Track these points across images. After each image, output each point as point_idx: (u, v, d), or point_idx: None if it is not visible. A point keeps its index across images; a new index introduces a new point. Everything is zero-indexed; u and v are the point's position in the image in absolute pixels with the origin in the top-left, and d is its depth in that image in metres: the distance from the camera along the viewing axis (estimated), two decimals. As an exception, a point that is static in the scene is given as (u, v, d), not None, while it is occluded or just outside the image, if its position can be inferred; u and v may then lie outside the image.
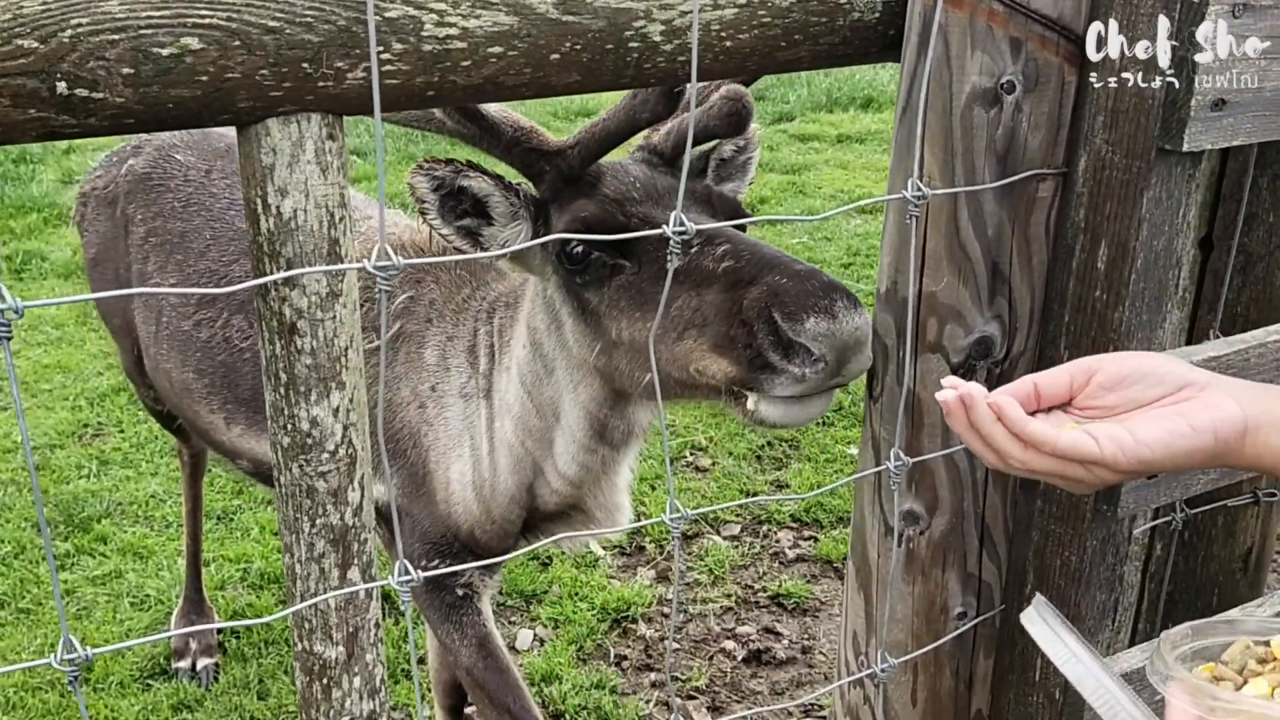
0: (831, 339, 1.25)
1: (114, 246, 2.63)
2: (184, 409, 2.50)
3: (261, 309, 1.15)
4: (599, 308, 1.56)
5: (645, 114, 1.52)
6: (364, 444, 1.24)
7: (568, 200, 1.59)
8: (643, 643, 3.28)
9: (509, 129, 1.57)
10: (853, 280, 5.51)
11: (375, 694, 1.33)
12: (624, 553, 3.66)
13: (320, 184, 1.11)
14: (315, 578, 1.25)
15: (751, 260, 1.37)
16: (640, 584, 3.47)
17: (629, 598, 3.38)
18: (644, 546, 3.67)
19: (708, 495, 3.87)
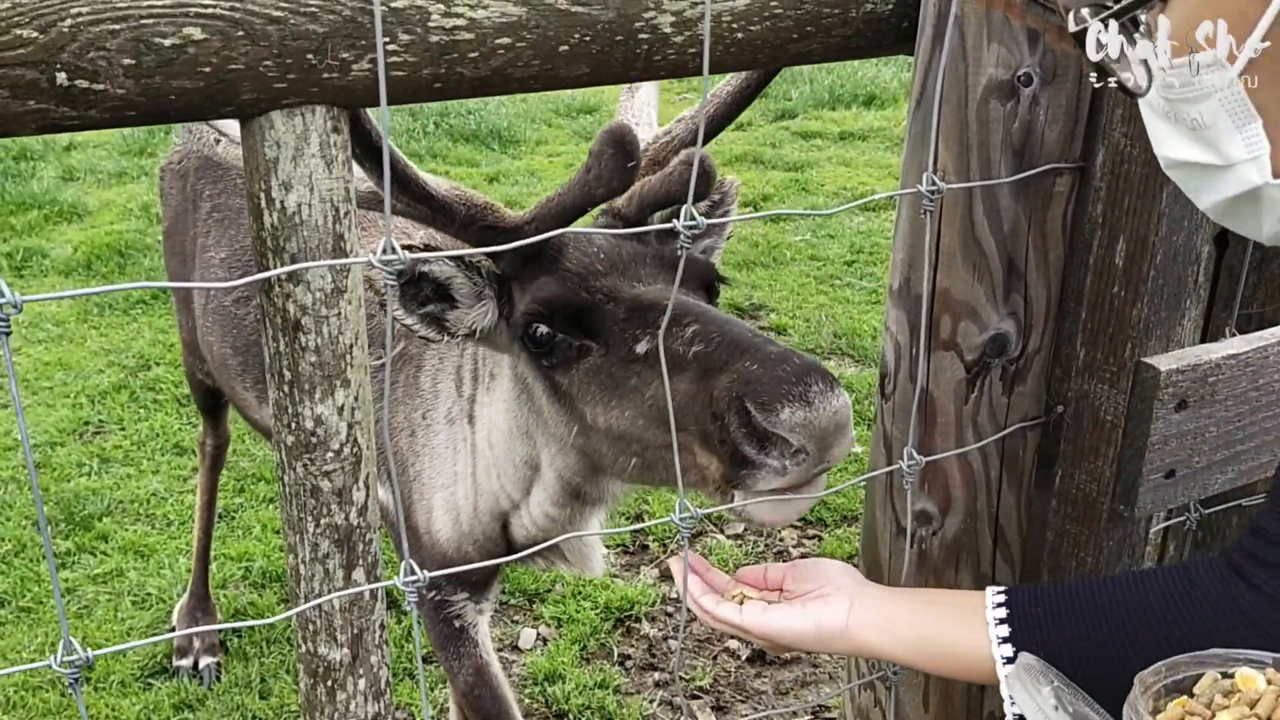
0: (809, 428, 1.17)
1: (183, 219, 2.72)
2: (224, 383, 2.60)
3: (265, 306, 1.13)
4: (570, 390, 1.50)
5: (600, 189, 1.44)
6: (369, 443, 1.22)
7: (529, 277, 1.52)
8: (646, 642, 3.26)
9: (462, 208, 1.47)
10: (855, 277, 5.50)
11: (380, 696, 1.31)
12: (627, 551, 3.64)
13: (325, 178, 1.09)
14: (319, 579, 1.23)
15: (722, 344, 1.28)
16: (644, 583, 3.46)
17: (632, 597, 3.36)
18: (647, 545, 3.65)
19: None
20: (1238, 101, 0.81)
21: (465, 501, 1.95)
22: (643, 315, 1.39)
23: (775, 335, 4.93)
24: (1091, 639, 1.05)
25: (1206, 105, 0.82)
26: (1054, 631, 1.08)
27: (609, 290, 1.45)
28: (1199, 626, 1.01)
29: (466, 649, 2.11)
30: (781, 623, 1.20)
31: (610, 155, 1.40)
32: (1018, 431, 1.30)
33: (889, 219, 6.30)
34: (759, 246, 5.84)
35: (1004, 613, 1.10)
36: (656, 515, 3.70)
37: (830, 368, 4.64)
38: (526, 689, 3.08)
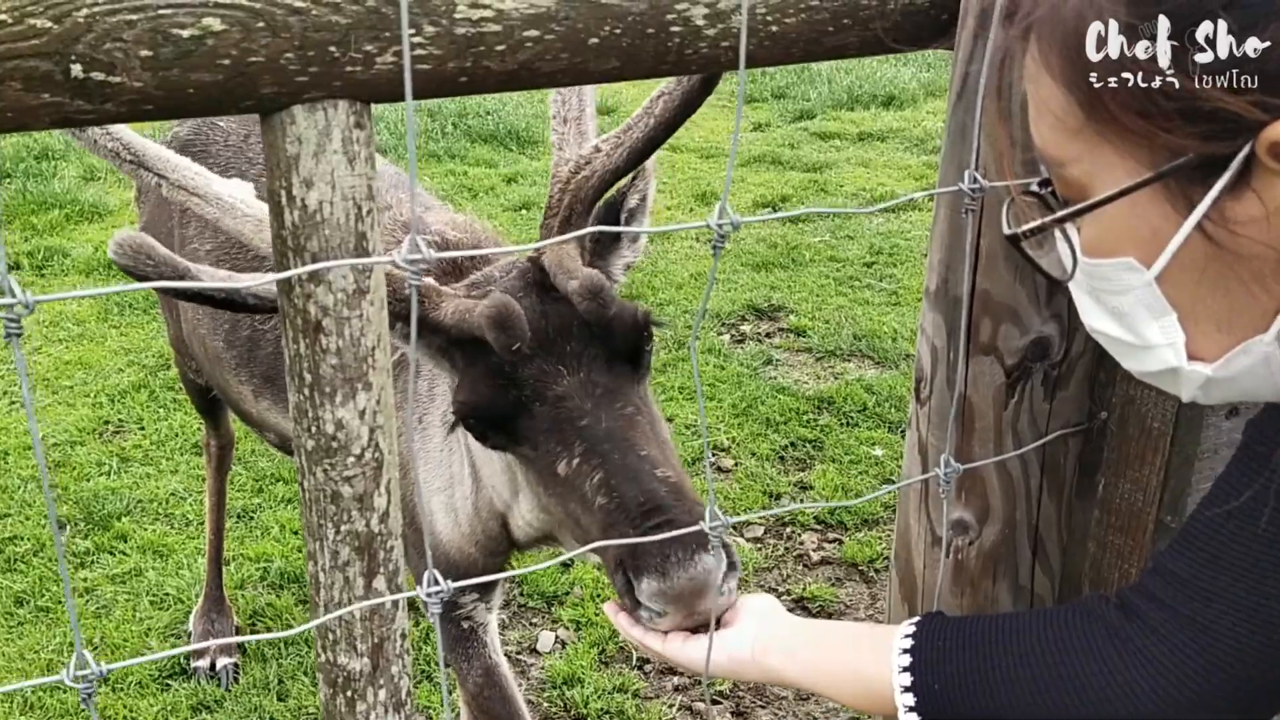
0: (665, 597, 1.27)
1: (160, 213, 2.72)
2: (216, 378, 2.58)
3: (285, 306, 1.10)
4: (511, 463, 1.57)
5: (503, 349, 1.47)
6: (391, 448, 1.18)
7: (464, 357, 1.53)
8: (666, 646, 3.22)
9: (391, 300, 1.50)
10: (875, 279, 5.45)
11: (401, 707, 1.28)
12: (646, 554, 3.60)
13: (347, 175, 1.06)
14: (340, 587, 1.20)
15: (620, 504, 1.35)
16: (663, 586, 3.42)
17: (652, 600, 3.32)
18: (667, 548, 3.61)
19: (730, 496, 3.81)
20: (1153, 297, 0.87)
21: (464, 502, 1.95)
22: (563, 432, 1.42)
23: (794, 337, 4.88)
24: (988, 673, 1.06)
25: (1124, 298, 0.89)
26: (953, 664, 1.09)
27: (535, 384, 1.45)
28: (1093, 666, 1.01)
29: (476, 650, 2.14)
30: (695, 652, 1.26)
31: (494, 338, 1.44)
32: (1059, 438, 1.25)
33: (909, 220, 6.24)
34: (777, 248, 5.80)
35: (909, 643, 1.12)
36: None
37: (850, 370, 4.60)
38: (545, 692, 3.05)
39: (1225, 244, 0.82)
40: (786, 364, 4.69)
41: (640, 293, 5.31)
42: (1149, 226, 0.85)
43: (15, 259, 5.55)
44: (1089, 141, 0.85)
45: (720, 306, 5.11)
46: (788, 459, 4.04)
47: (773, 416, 4.24)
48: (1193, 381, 0.91)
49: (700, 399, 1.28)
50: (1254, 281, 0.84)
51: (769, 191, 6.63)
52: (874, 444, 4.08)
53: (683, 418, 4.26)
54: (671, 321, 5.01)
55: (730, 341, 4.89)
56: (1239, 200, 0.80)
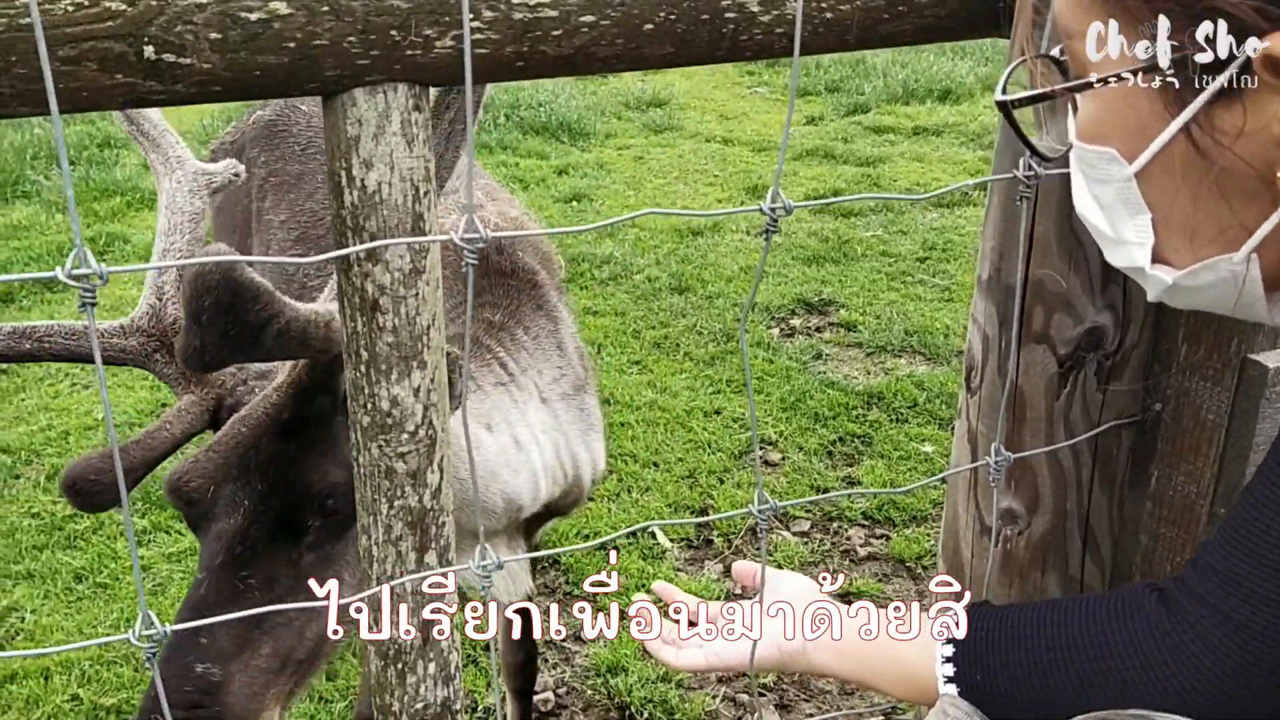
0: None
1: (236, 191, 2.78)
2: None
3: (343, 285, 1.13)
4: None
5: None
6: (444, 425, 1.20)
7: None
8: (710, 637, 3.23)
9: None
10: (928, 274, 5.40)
11: (450, 681, 1.30)
12: (691, 546, 3.61)
13: (406, 157, 1.08)
14: (392, 561, 1.22)
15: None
16: (708, 577, 3.43)
17: (696, 591, 3.33)
18: (712, 540, 3.62)
19: (777, 490, 3.80)
20: (1132, 193, 0.89)
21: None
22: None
23: (845, 331, 4.86)
24: (1030, 665, 1.06)
25: (1106, 189, 0.91)
26: (995, 654, 1.08)
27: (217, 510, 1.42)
28: (1134, 661, 1.00)
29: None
30: (742, 654, 1.24)
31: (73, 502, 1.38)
32: (1112, 429, 1.24)
33: (963, 216, 6.18)
34: (829, 242, 5.77)
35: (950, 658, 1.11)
36: (721, 509, 3.67)
37: (900, 366, 4.57)
38: (589, 680, 3.07)
39: (1209, 153, 0.82)
40: (836, 359, 4.67)
41: (690, 285, 5.31)
42: (1139, 120, 0.86)
43: (80, 245, 5.69)
44: (1098, 17, 0.86)
45: (770, 300, 5.10)
46: (835, 454, 4.02)
47: (821, 411, 4.22)
48: (1157, 285, 0.92)
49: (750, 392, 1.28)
50: (1231, 198, 0.84)
51: (821, 185, 6.60)
52: (924, 440, 4.05)
53: (730, 410, 4.26)
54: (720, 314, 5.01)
55: (779, 335, 4.87)
56: (1229, 110, 0.80)
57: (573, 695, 3.04)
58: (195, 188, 1.60)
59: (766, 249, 1.03)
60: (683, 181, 6.88)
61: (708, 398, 4.36)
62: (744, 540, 3.58)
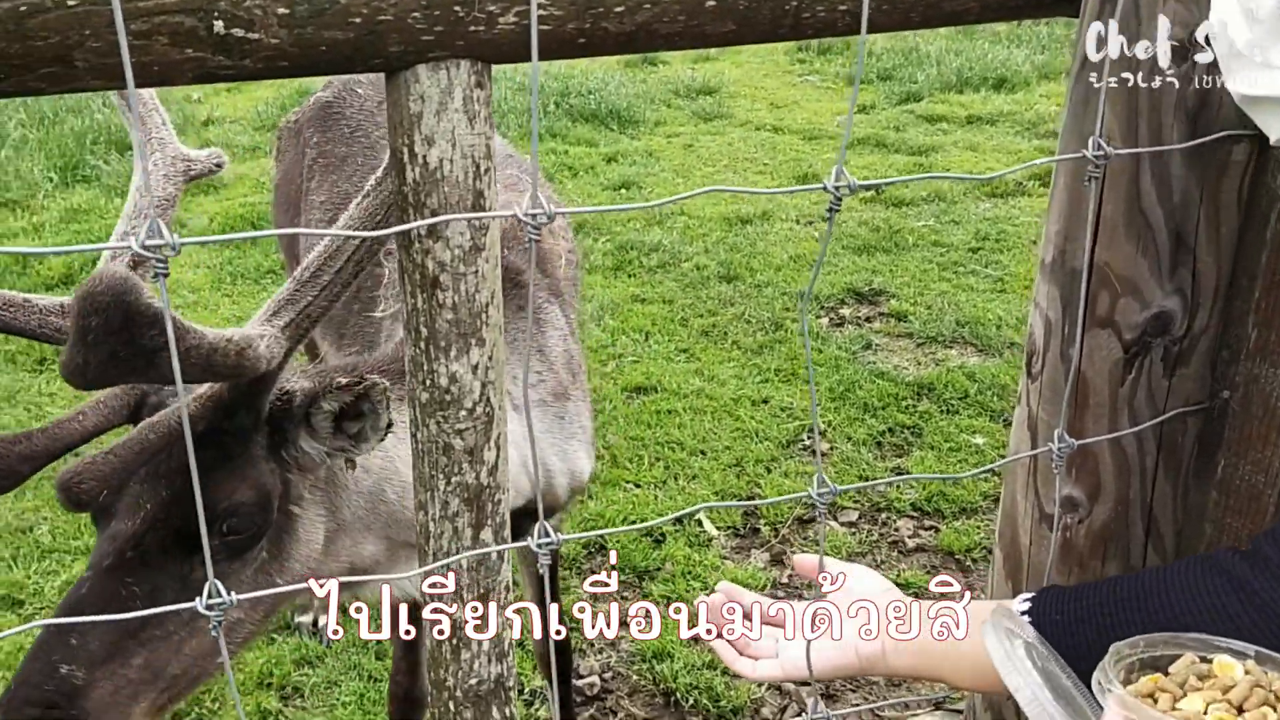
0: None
1: (293, 169, 2.84)
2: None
3: (404, 262, 1.14)
4: None
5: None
6: (501, 403, 1.21)
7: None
8: (756, 625, 3.22)
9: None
10: (980, 265, 5.32)
11: (504, 658, 1.31)
12: (738, 534, 3.60)
13: (467, 133, 1.08)
14: (448, 537, 1.23)
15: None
16: (754, 566, 3.42)
17: (743, 579, 3.32)
18: (759, 529, 3.61)
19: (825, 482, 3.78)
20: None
21: None
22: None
23: (895, 321, 4.81)
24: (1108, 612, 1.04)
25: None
26: (1072, 638, 1.06)
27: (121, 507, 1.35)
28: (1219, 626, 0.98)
29: None
30: (825, 664, 1.22)
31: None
32: (1178, 416, 1.22)
33: (1017, 206, 6.08)
34: (879, 231, 5.71)
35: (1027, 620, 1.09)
36: (768, 497, 3.66)
37: (951, 357, 4.52)
38: (634, 665, 3.08)
39: None
40: (886, 349, 4.63)
41: (738, 273, 5.29)
42: None
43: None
44: None
45: (819, 289, 5.07)
46: (885, 445, 3.99)
47: (870, 401, 4.19)
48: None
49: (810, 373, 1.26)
50: None
51: (872, 174, 6.53)
52: (975, 432, 4.00)
53: (778, 399, 4.24)
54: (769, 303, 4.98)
55: (829, 325, 4.84)
56: None
57: (618, 680, 3.05)
58: (172, 172, 1.57)
59: (830, 228, 1.02)
60: (732, 169, 6.84)
61: (755, 386, 4.34)
62: (791, 530, 3.57)
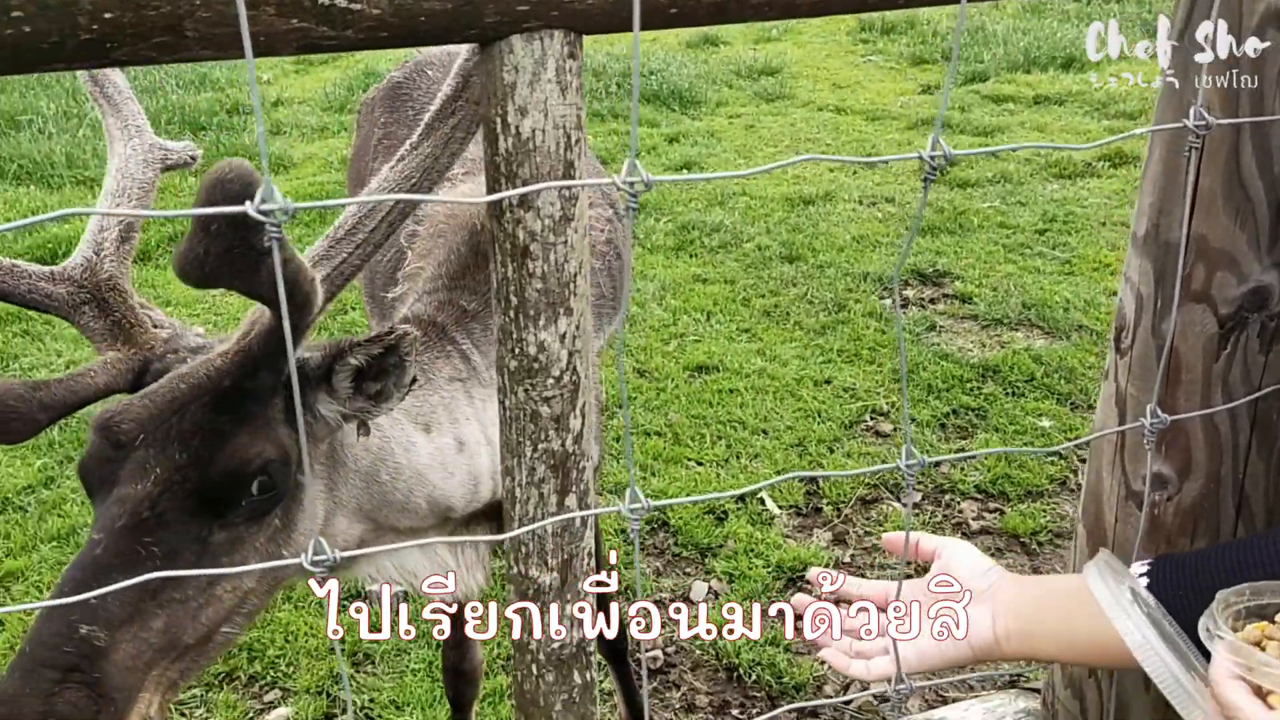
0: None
1: (364, 146, 2.87)
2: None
3: (495, 231, 1.15)
4: None
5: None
6: (587, 372, 1.23)
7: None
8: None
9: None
10: (1047, 247, 5.24)
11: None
12: (800, 513, 3.60)
13: (559, 104, 1.09)
14: (534, 502, 1.25)
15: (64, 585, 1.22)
16: (816, 545, 3.41)
17: (805, 558, 3.32)
18: (820, 508, 3.60)
19: (888, 462, 3.76)
20: None
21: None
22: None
23: (960, 303, 4.76)
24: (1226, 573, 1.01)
25: None
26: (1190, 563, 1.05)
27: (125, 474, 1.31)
28: None
29: None
30: (937, 657, 1.21)
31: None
32: (1274, 393, 1.20)
33: (1085, 187, 5.97)
34: (944, 212, 5.64)
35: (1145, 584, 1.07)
36: (831, 480, 3.65)
37: (1017, 339, 4.46)
38: (696, 640, 3.10)
39: None
40: (950, 330, 4.58)
41: (800, 254, 5.27)
42: None
43: (209, 207, 5.92)
44: None
45: (883, 270, 5.02)
46: (949, 426, 3.95)
47: (934, 383, 4.15)
48: None
49: (900, 340, 1.26)
50: None
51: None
52: (1041, 415, 3.95)
53: (841, 380, 4.22)
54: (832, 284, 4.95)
55: (892, 306, 4.80)
56: None
57: (681, 655, 3.07)
58: (150, 159, 1.57)
59: (925, 195, 1.02)
60: (794, 150, 6.80)
61: (818, 367, 4.32)
62: (854, 509, 3.56)
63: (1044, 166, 6.29)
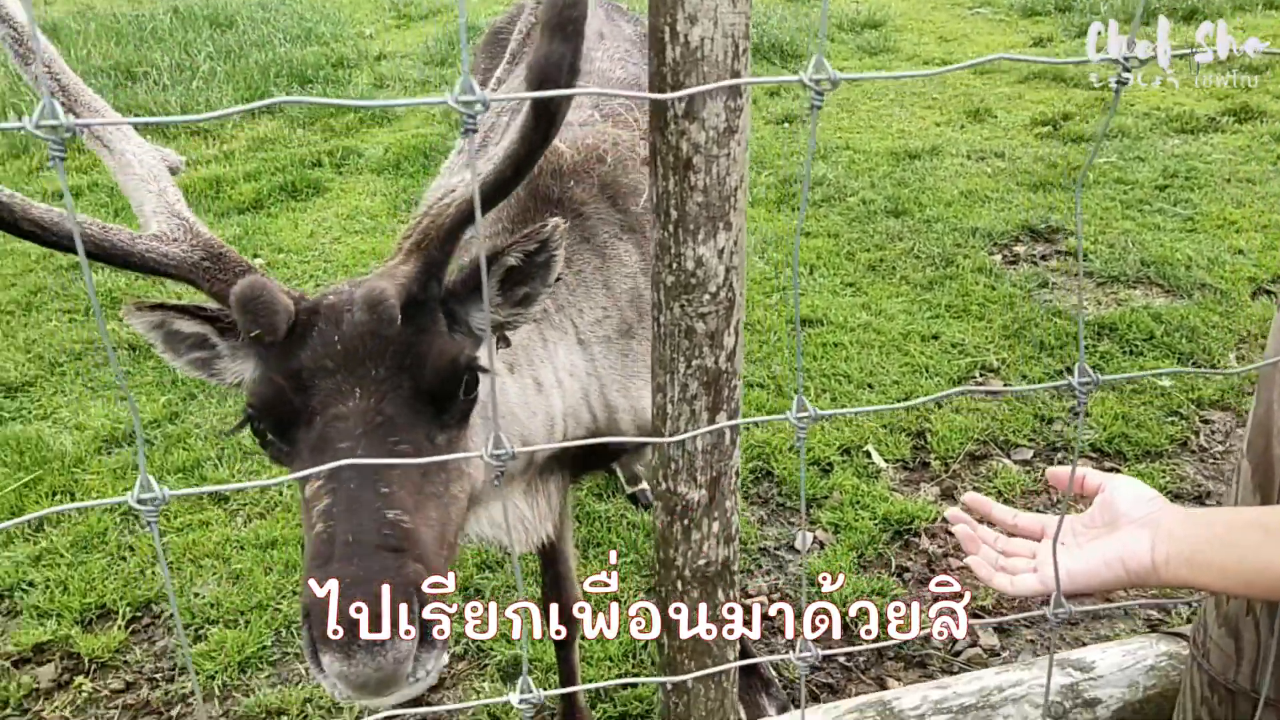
0: (346, 679, 1.16)
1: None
2: None
3: (659, 144, 1.15)
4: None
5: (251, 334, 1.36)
6: (742, 290, 1.22)
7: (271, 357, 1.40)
8: (925, 557, 3.19)
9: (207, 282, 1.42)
10: (1168, 203, 5.05)
11: (730, 541, 1.34)
12: (906, 467, 3.56)
13: (729, 11, 1.08)
14: (685, 419, 1.26)
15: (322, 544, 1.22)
16: (923, 499, 3.37)
17: (912, 511, 3.29)
18: (928, 463, 3.56)
19: (998, 418, 3.69)
20: None
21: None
22: (321, 453, 1.30)
23: (1073, 260, 4.62)
24: None
25: None
26: None
27: (324, 397, 1.34)
28: None
29: None
30: (1086, 576, 1.19)
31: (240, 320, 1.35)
32: None
33: (1208, 143, 5.73)
34: (1057, 167, 5.48)
35: None
36: (940, 433, 3.60)
37: (1135, 297, 4.32)
38: (801, 588, 3.10)
39: None
40: (1063, 287, 4.46)
41: (907, 209, 5.17)
42: None
43: (317, 157, 6.04)
44: None
45: (993, 226, 4.90)
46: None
47: (1047, 340, 4.05)
48: None
49: (1079, 260, 1.22)
50: None
51: (1049, 109, 6.25)
52: (1161, 375, 3.83)
53: (949, 335, 4.15)
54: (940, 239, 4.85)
55: (1003, 262, 4.69)
56: None
57: (787, 602, 3.08)
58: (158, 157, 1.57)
59: (1116, 103, 0.99)
60: (899, 105, 6.66)
61: (925, 322, 4.25)
62: (962, 465, 3.50)
63: (1164, 121, 6.05)
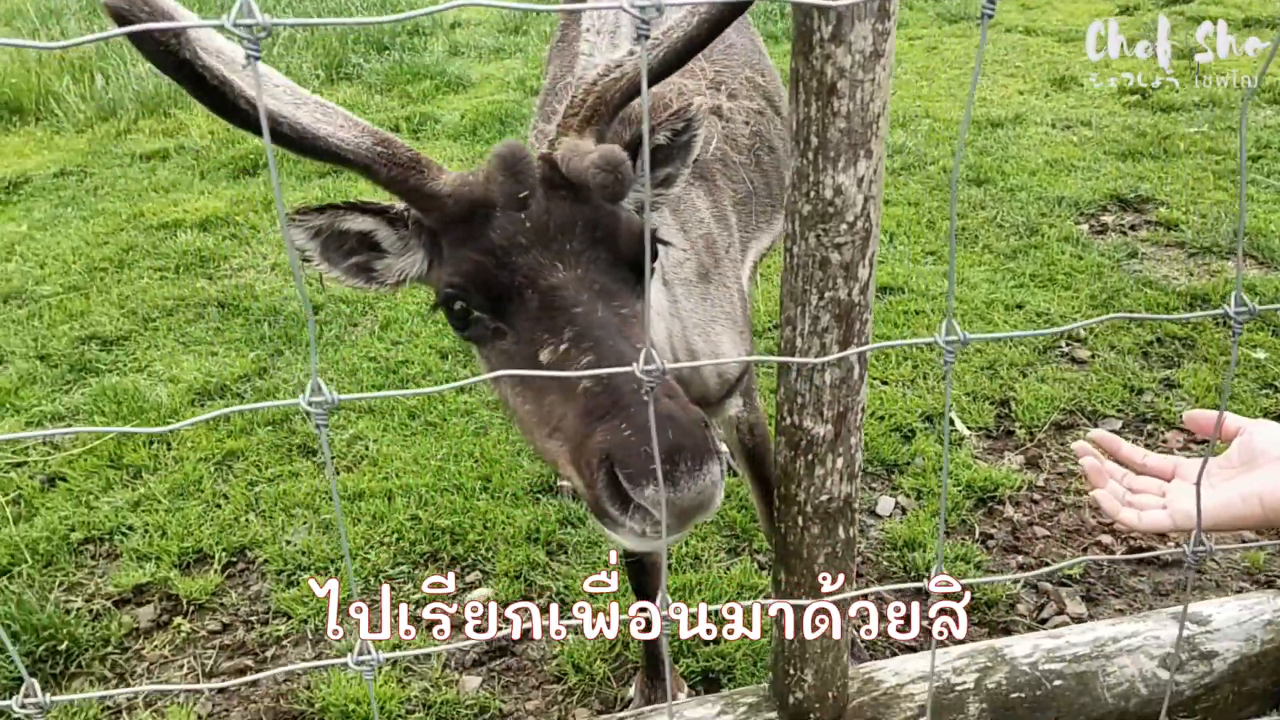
0: (671, 507, 1.15)
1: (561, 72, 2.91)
2: None
3: (801, 69, 1.14)
4: (488, 361, 1.45)
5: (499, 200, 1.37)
6: (879, 220, 1.21)
7: (457, 237, 1.41)
8: (1009, 525, 3.16)
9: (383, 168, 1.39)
10: (1261, 174, 4.90)
11: (853, 478, 1.33)
12: (990, 435, 3.52)
13: (880, -67, 1.07)
14: (815, 352, 1.25)
15: (608, 389, 1.21)
16: (1008, 467, 3.33)
17: (996, 479, 3.25)
18: (1013, 431, 3.51)
19: (1085, 388, 3.62)
20: None
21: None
22: (552, 318, 1.30)
23: (1164, 230, 4.51)
24: None
25: None
26: None
27: (529, 272, 1.35)
28: None
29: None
30: (1221, 510, 1.16)
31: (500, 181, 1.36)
32: None
33: (1304, 113, 5.55)
34: (1146, 136, 5.34)
35: None
36: (1024, 402, 3.54)
37: (1228, 268, 4.20)
38: (884, 552, 3.09)
39: None
40: (1153, 258, 4.35)
41: (989, 177, 5.08)
42: None
43: (394, 123, 6.09)
44: None
45: (1080, 195, 4.80)
46: (1152, 355, 3.77)
47: (1136, 309, 3.97)
48: None
49: (1243, 180, 1.19)
50: None
51: (1137, 79, 6.09)
52: (1255, 346, 3.73)
53: (1034, 305, 4.08)
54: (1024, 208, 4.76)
55: (1090, 231, 4.59)
56: None
57: (868, 565, 3.07)
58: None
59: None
60: (980, 73, 6.53)
61: (1009, 291, 4.18)
62: (1047, 434, 3.45)
63: (1257, 91, 5.87)
